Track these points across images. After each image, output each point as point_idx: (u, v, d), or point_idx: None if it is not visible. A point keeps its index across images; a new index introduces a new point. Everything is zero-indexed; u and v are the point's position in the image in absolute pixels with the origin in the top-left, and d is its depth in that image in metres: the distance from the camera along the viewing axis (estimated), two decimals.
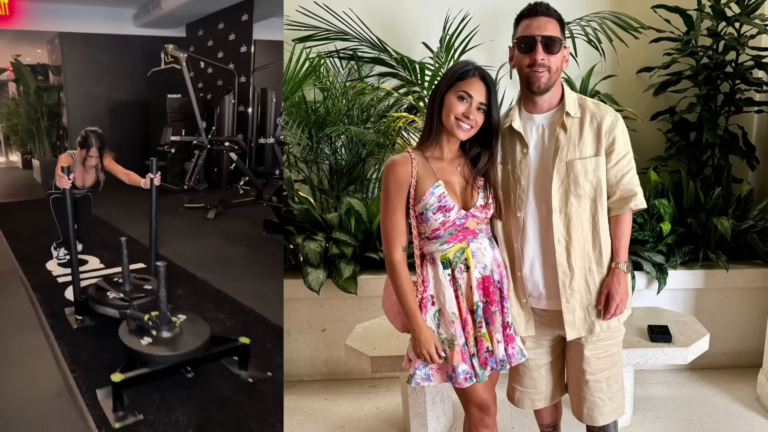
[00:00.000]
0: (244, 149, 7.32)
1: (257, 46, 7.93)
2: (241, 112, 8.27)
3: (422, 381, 1.96)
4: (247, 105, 8.17)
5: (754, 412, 3.06)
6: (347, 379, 3.66)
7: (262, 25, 7.95)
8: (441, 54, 3.93)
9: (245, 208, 6.75)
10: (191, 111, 7.45)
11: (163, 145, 7.72)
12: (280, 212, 5.50)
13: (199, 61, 8.35)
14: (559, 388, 2.19)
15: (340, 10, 3.98)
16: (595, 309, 1.99)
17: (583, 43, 3.75)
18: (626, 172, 1.96)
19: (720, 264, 3.37)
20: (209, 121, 7.99)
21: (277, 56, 8.73)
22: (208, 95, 8.66)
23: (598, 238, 1.96)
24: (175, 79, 7.46)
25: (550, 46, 1.86)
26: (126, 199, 5.51)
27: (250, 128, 8.23)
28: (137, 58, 8.80)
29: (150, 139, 8.74)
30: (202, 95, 8.55)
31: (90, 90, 8.85)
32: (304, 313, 3.61)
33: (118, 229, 5.75)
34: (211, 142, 7.27)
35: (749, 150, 3.80)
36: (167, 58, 6.93)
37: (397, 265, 1.91)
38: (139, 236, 5.08)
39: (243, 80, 8.10)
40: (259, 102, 8.30)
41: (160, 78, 7.32)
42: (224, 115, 8.11)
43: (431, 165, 1.90)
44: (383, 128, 3.85)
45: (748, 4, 3.64)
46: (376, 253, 3.48)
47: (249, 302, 3.83)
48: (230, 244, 5.48)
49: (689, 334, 2.84)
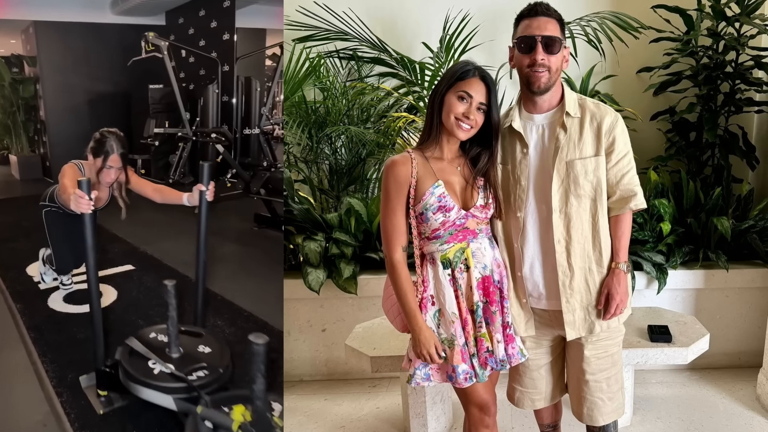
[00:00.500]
0: (231, 140, 7.13)
1: (239, 34, 7.73)
2: (225, 102, 8.01)
3: (422, 381, 1.96)
4: (231, 95, 7.92)
5: (754, 412, 3.06)
6: (347, 379, 3.66)
7: (243, 12, 7.72)
8: (441, 54, 3.93)
9: (234, 202, 6.40)
10: (174, 102, 7.20)
11: (147, 137, 7.51)
12: (271, 205, 5.40)
13: (181, 49, 8.09)
14: (559, 388, 2.19)
15: (340, 10, 3.98)
16: (595, 309, 1.99)
17: (583, 43, 3.75)
18: (626, 172, 1.96)
19: (720, 264, 3.37)
20: (193, 112, 7.76)
21: (259, 44, 8.64)
22: (191, 85, 8.36)
23: (598, 238, 1.96)
24: (157, 69, 7.20)
25: (550, 46, 1.86)
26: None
27: (234, 119, 8.00)
28: (116, 47, 8.31)
29: (133, 131, 8.35)
30: (184, 85, 8.24)
31: (67, 81, 8.35)
32: (304, 313, 3.61)
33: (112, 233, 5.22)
34: (195, 133, 7.08)
35: (749, 150, 3.80)
36: (148, 47, 6.70)
37: (397, 265, 1.91)
38: (126, 236, 4.80)
39: (226, 69, 7.87)
40: (243, 91, 8.07)
41: (141, 68, 7.10)
42: (208, 106, 7.84)
43: (431, 165, 1.90)
44: (383, 128, 3.85)
45: (748, 4, 3.64)
46: (376, 253, 3.48)
47: (248, 305, 3.68)
48: (221, 240, 5.04)
49: (689, 334, 2.84)
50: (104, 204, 3.09)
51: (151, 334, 2.52)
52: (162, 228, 5.27)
